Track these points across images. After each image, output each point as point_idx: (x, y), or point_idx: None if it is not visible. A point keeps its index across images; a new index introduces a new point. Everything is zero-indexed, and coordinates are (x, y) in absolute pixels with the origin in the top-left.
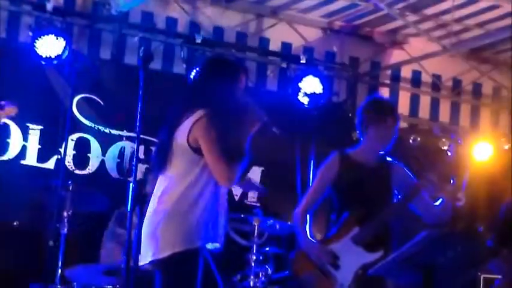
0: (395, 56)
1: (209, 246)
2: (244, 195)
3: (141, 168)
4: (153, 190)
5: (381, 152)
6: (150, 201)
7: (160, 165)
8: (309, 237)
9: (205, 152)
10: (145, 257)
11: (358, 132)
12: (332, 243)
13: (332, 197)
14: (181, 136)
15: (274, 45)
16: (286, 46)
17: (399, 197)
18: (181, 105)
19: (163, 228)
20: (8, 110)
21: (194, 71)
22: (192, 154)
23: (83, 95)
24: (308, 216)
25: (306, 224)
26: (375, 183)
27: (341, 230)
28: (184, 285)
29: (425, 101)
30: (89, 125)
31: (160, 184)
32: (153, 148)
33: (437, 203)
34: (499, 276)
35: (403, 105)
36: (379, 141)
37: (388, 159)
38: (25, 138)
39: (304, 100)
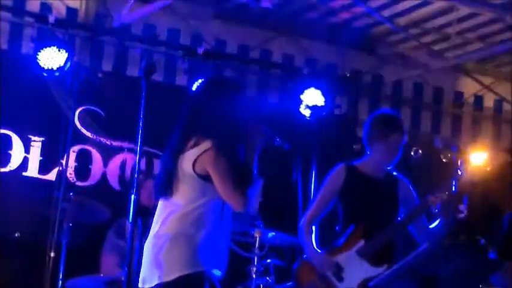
0: (397, 68)
1: (212, 272)
2: None
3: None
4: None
5: (388, 167)
6: (153, 226)
7: (166, 191)
8: (314, 247)
9: (217, 183)
10: (150, 281)
11: (364, 145)
12: (337, 255)
13: (337, 208)
14: (187, 164)
15: (276, 58)
16: (288, 58)
17: (402, 214)
18: (185, 129)
19: (169, 252)
20: None
21: (194, 89)
22: (199, 181)
23: (84, 107)
24: (314, 227)
25: (312, 234)
26: (381, 196)
27: (347, 242)
28: None
29: (426, 114)
30: (91, 136)
31: (164, 209)
32: (155, 160)
33: (432, 225)
34: None
35: (405, 118)
36: (386, 155)
37: (395, 173)
38: (27, 150)
39: (306, 112)
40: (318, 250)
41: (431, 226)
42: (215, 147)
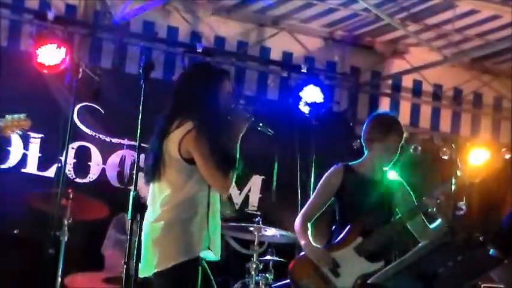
0: (396, 65)
1: (208, 255)
2: (244, 204)
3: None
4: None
5: (385, 168)
6: (146, 213)
7: (154, 176)
8: (312, 243)
9: (199, 164)
10: (147, 269)
11: (363, 145)
12: (334, 251)
13: (334, 207)
14: (172, 148)
15: (275, 55)
16: (287, 55)
17: (399, 215)
18: (168, 114)
19: (163, 240)
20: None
21: (177, 77)
22: (185, 165)
23: (83, 104)
24: (309, 224)
25: (308, 231)
26: (377, 196)
27: (344, 240)
28: None
29: (426, 111)
30: (90, 133)
31: (156, 195)
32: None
33: (433, 225)
34: (501, 286)
35: (404, 115)
36: (383, 156)
37: (392, 176)
38: (26, 147)
39: (305, 109)
40: (316, 246)
41: (432, 226)
42: (196, 128)
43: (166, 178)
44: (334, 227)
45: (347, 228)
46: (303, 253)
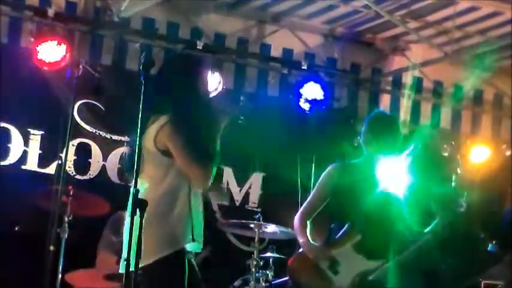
0: (397, 62)
1: (192, 247)
2: (245, 200)
3: None
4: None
5: (383, 165)
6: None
7: (131, 172)
8: (310, 241)
9: (176, 158)
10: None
11: (362, 143)
12: (333, 249)
13: (333, 206)
14: (149, 142)
15: (276, 51)
16: (287, 52)
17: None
18: (146, 108)
19: (144, 236)
20: None
21: (155, 71)
22: (163, 158)
23: (84, 101)
24: (308, 223)
25: (307, 228)
26: (375, 194)
27: (343, 238)
28: None
29: (426, 108)
30: (90, 130)
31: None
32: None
33: (429, 227)
34: (501, 282)
35: (404, 112)
36: (381, 155)
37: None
38: (26, 144)
39: (306, 106)
40: (314, 243)
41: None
42: (171, 121)
43: (146, 173)
44: (333, 225)
45: (346, 226)
46: (301, 250)
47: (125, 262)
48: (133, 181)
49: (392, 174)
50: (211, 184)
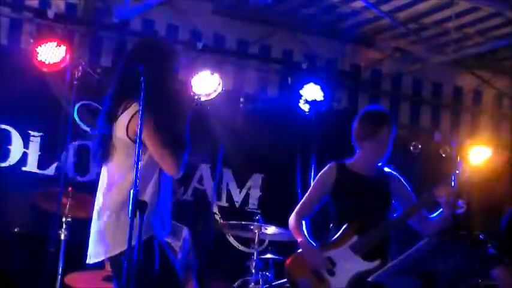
0: (397, 63)
1: (161, 234)
2: (244, 202)
3: None
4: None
5: (379, 163)
6: (97, 196)
7: (102, 159)
8: (308, 241)
9: (148, 146)
10: (97, 256)
11: (353, 143)
12: (330, 250)
13: (329, 206)
14: (120, 130)
15: (276, 53)
16: (287, 53)
17: (398, 211)
18: (115, 94)
19: (112, 225)
20: None
21: (124, 58)
22: (133, 146)
23: (83, 102)
24: (304, 222)
25: (302, 228)
26: (373, 193)
27: (340, 238)
28: (141, 277)
29: (426, 108)
30: (90, 132)
31: (105, 179)
32: None
33: (434, 215)
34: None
35: (404, 113)
36: (376, 152)
37: (386, 170)
38: (26, 145)
39: (305, 107)
40: (312, 243)
41: (432, 216)
42: (148, 110)
43: (115, 161)
44: (331, 225)
45: (343, 227)
46: (299, 250)
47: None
48: (133, 182)
49: (388, 172)
50: None
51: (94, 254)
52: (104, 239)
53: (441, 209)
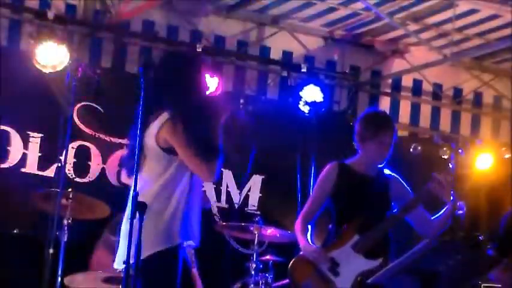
0: (396, 65)
1: (186, 243)
2: (244, 203)
3: None
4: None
5: (379, 165)
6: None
7: (132, 168)
8: (310, 243)
9: (180, 153)
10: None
11: (355, 144)
12: (332, 250)
13: (330, 206)
14: (150, 139)
15: (275, 54)
16: (287, 55)
17: (396, 208)
18: (147, 106)
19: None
20: None
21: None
22: (163, 154)
23: (83, 103)
24: (309, 226)
25: (308, 232)
26: (373, 194)
27: (341, 238)
28: (164, 284)
29: (426, 110)
30: (90, 132)
31: (131, 189)
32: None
33: (434, 217)
34: (499, 286)
35: (404, 114)
36: (376, 154)
37: (387, 171)
38: (25, 146)
39: (305, 109)
40: (313, 246)
41: (433, 217)
42: (173, 117)
43: (146, 170)
44: (331, 226)
45: (344, 227)
46: (301, 252)
47: (123, 263)
48: (133, 184)
49: (388, 173)
50: None
51: (123, 259)
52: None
53: (444, 208)
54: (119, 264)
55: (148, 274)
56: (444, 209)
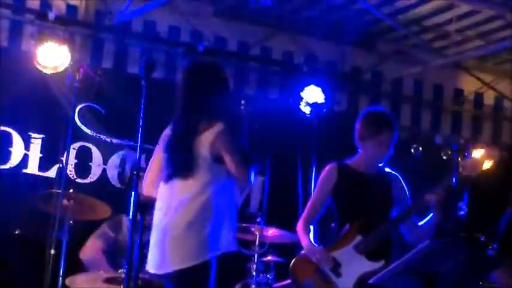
0: (397, 66)
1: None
2: (245, 204)
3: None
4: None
5: (380, 164)
6: (163, 210)
7: (182, 173)
8: (312, 243)
9: (232, 161)
10: (166, 267)
11: (355, 143)
12: (334, 251)
13: (332, 206)
14: (202, 147)
15: (276, 55)
16: (288, 56)
17: (396, 211)
18: (193, 112)
19: (189, 238)
20: None
21: (186, 77)
22: (214, 164)
23: (84, 104)
24: (311, 227)
25: (310, 232)
26: (374, 193)
27: (343, 239)
28: None
29: (427, 111)
30: (91, 133)
31: (177, 193)
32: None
33: (421, 223)
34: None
35: (405, 116)
36: (377, 153)
37: (388, 170)
38: (27, 147)
39: (306, 109)
40: (316, 246)
41: (420, 223)
42: (228, 128)
43: (195, 177)
44: (333, 224)
45: (346, 227)
46: (303, 252)
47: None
48: (133, 184)
49: (389, 172)
50: None
51: (164, 264)
52: (175, 251)
53: (430, 215)
54: (153, 269)
55: (191, 283)
56: (429, 217)
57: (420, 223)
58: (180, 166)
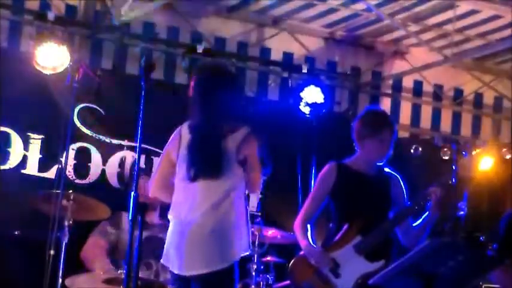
0: (397, 65)
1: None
2: None
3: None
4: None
5: (379, 163)
6: (191, 211)
7: (211, 174)
8: (311, 243)
9: (254, 166)
10: (198, 268)
11: (354, 143)
12: (333, 251)
13: (330, 206)
14: (231, 148)
15: (276, 55)
16: (287, 56)
17: (398, 209)
18: (218, 115)
19: (217, 241)
20: None
21: (203, 80)
22: (237, 166)
23: (84, 105)
24: (309, 226)
25: (308, 233)
26: (373, 192)
27: (343, 239)
28: None
29: (426, 111)
30: (90, 134)
31: (199, 194)
32: (154, 158)
33: (416, 224)
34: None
35: (405, 115)
36: (377, 152)
37: (387, 170)
38: (26, 148)
39: (306, 110)
40: (314, 246)
41: (415, 224)
42: (253, 133)
43: (222, 178)
44: (331, 225)
45: (345, 227)
46: (301, 252)
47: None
48: (133, 184)
49: (388, 172)
50: None
51: (196, 266)
52: (203, 252)
53: (425, 214)
54: (179, 269)
55: (216, 285)
56: (424, 217)
57: (415, 224)
58: (209, 165)
